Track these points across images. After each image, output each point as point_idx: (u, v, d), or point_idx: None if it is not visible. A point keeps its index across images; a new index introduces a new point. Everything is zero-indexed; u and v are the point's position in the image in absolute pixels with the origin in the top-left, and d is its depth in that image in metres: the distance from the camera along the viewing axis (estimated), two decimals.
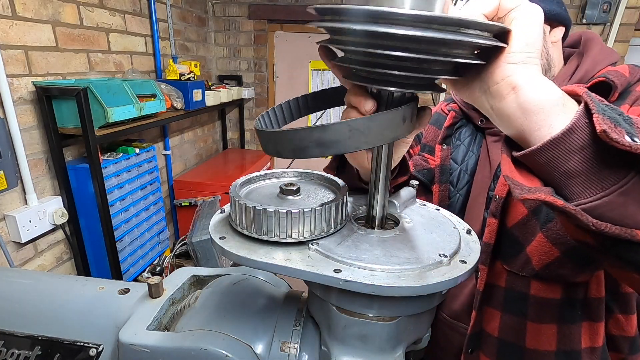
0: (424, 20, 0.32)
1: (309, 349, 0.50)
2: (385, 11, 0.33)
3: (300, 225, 0.45)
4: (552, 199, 0.37)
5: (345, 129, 0.38)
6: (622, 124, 0.35)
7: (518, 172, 0.41)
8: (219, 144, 3.47)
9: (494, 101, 0.41)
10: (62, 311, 0.58)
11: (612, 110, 0.37)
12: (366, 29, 0.34)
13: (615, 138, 0.34)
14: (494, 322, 0.76)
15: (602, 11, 2.52)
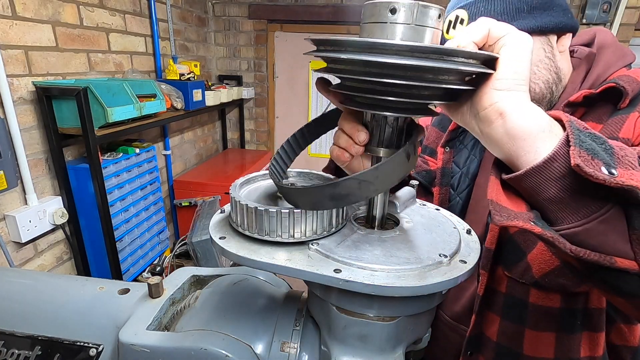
0: (409, 49, 0.36)
1: (309, 349, 0.50)
2: (375, 42, 0.36)
3: (300, 225, 0.45)
4: (529, 226, 0.39)
5: (355, 183, 0.41)
6: (600, 155, 0.36)
7: (505, 195, 0.42)
8: (219, 144, 3.47)
9: (483, 126, 0.43)
10: (62, 311, 0.58)
11: (593, 140, 0.38)
12: (357, 58, 0.37)
13: (589, 172, 0.35)
14: (493, 326, 0.76)
15: (602, 11, 2.52)
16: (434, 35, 0.40)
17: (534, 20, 0.68)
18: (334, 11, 2.97)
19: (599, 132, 0.61)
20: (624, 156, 0.38)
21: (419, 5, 0.38)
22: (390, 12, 0.39)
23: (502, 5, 0.68)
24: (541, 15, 0.68)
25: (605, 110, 0.66)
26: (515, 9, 0.68)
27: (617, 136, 0.61)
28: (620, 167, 0.36)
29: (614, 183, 0.35)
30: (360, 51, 0.37)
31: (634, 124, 0.61)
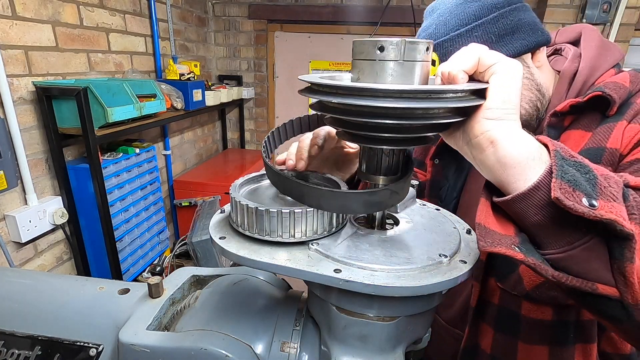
0: (398, 93, 0.37)
1: (309, 349, 0.50)
2: (364, 87, 0.37)
3: (301, 225, 0.45)
4: (511, 252, 0.40)
5: (388, 193, 0.45)
6: (581, 186, 0.37)
7: (495, 217, 0.43)
8: (219, 144, 3.47)
9: (475, 152, 0.44)
10: (62, 311, 0.58)
11: (577, 169, 0.39)
12: (347, 102, 0.38)
13: (568, 205, 0.36)
14: (487, 338, 0.76)
15: (602, 11, 2.52)
16: (423, 68, 0.42)
17: (504, 49, 0.68)
18: (334, 11, 2.97)
19: (589, 141, 0.61)
20: (607, 187, 0.39)
21: (406, 42, 0.39)
22: (378, 49, 0.40)
23: (468, 42, 0.67)
24: (511, 41, 0.68)
25: (594, 118, 0.65)
26: (482, 42, 0.67)
27: (604, 146, 0.61)
28: (602, 199, 0.37)
29: (593, 216, 0.36)
30: (350, 95, 0.38)
31: (622, 133, 0.60)
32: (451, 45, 0.69)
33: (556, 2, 2.59)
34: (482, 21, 0.68)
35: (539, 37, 0.70)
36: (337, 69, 3.19)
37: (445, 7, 0.72)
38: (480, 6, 0.68)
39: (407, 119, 0.39)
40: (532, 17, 0.71)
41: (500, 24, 0.68)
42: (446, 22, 0.70)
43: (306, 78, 0.44)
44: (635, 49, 2.77)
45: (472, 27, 0.68)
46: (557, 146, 0.41)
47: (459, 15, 0.69)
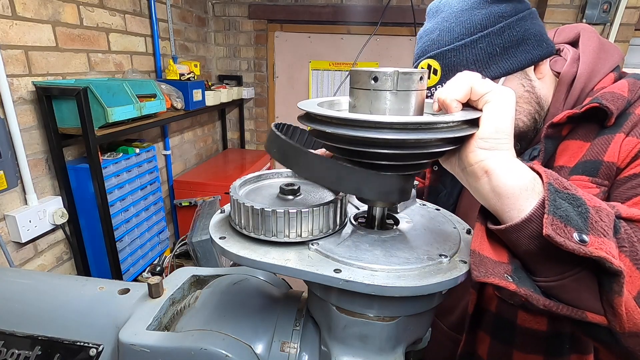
0: (388, 125, 0.38)
1: (309, 349, 0.50)
2: (355, 119, 0.38)
3: (300, 225, 0.45)
4: (504, 283, 0.41)
5: (413, 180, 0.48)
6: (573, 221, 0.39)
7: (489, 243, 0.45)
8: (219, 144, 3.47)
9: (470, 180, 0.45)
10: (62, 311, 0.58)
11: (570, 202, 0.40)
12: (339, 133, 0.39)
13: (559, 241, 0.37)
14: (483, 345, 0.75)
15: (602, 11, 2.52)
16: (417, 97, 0.42)
17: (508, 62, 0.66)
18: (334, 11, 2.97)
19: (586, 152, 0.61)
20: (598, 221, 0.40)
21: (399, 72, 0.40)
22: (372, 80, 0.41)
23: (473, 53, 0.66)
24: (515, 54, 0.66)
25: (591, 127, 0.64)
26: (487, 54, 0.66)
27: (602, 159, 0.60)
28: (592, 234, 0.38)
29: (583, 253, 0.37)
30: (343, 125, 0.39)
31: (619, 146, 0.59)
32: (454, 56, 0.67)
33: (556, 2, 2.59)
34: (488, 32, 0.65)
35: (544, 49, 0.68)
36: (337, 69, 3.19)
37: (451, 11, 0.69)
38: (486, 15, 0.66)
39: (399, 148, 0.40)
40: (538, 26, 0.69)
41: (506, 35, 0.65)
42: (451, 30, 0.68)
43: (304, 105, 0.45)
44: (635, 49, 2.78)
45: (477, 37, 0.66)
46: (550, 178, 0.42)
47: (465, 23, 0.66)
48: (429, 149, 0.40)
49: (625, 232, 0.42)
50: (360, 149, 0.40)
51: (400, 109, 0.42)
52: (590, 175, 0.61)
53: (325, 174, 0.43)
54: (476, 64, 0.66)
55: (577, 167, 0.62)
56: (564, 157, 0.65)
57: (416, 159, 0.43)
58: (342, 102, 0.53)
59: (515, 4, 0.67)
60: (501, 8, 0.66)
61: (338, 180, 0.43)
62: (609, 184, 0.60)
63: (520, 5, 0.67)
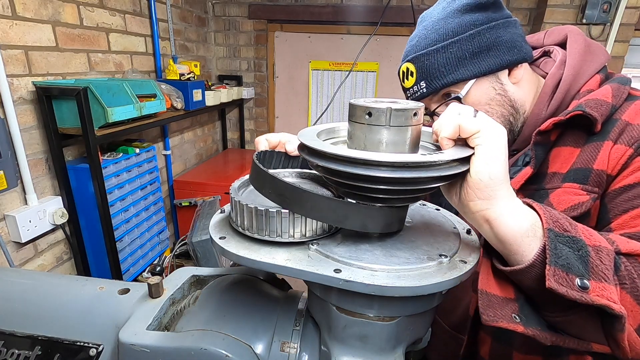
0: (374, 162, 0.39)
1: (309, 349, 0.50)
2: (347, 156, 0.40)
3: (300, 225, 0.45)
4: (512, 326, 0.45)
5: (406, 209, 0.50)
6: (574, 268, 0.41)
7: (495, 280, 0.48)
8: (219, 144, 3.47)
9: (473, 223, 0.47)
10: (62, 311, 0.58)
11: (570, 246, 0.42)
12: (331, 167, 0.41)
13: (562, 292, 0.40)
14: (485, 346, 0.77)
15: (602, 11, 2.52)
16: (412, 132, 0.44)
17: (477, 66, 0.70)
18: (334, 11, 2.97)
19: (576, 160, 0.63)
20: (599, 265, 0.42)
21: (392, 109, 0.42)
22: (367, 115, 0.43)
23: (444, 57, 0.71)
24: (485, 58, 0.70)
25: (580, 133, 0.65)
26: (457, 58, 0.70)
27: (591, 167, 0.61)
28: (594, 279, 0.41)
29: (585, 301, 0.40)
30: (337, 161, 0.41)
31: (608, 154, 0.61)
32: (427, 59, 0.72)
33: (556, 2, 2.59)
34: (459, 38, 0.70)
35: (516, 55, 0.71)
36: (337, 69, 3.19)
37: (430, 20, 0.74)
38: (459, 23, 0.70)
39: (389, 185, 0.41)
40: (512, 34, 0.71)
41: (475, 42, 0.69)
42: (427, 36, 0.73)
43: (302, 137, 0.46)
44: (635, 49, 2.77)
45: (448, 43, 0.70)
46: (550, 221, 0.43)
47: (439, 30, 0.71)
48: (421, 185, 0.41)
49: (626, 269, 0.44)
50: (351, 183, 0.42)
51: (395, 143, 0.44)
52: (580, 182, 0.62)
53: (331, 213, 0.44)
54: (446, 67, 0.71)
55: (569, 174, 0.64)
56: (556, 164, 0.66)
57: (407, 193, 0.44)
58: (341, 129, 0.54)
59: (489, 13, 0.70)
60: (474, 17, 0.70)
61: (344, 219, 0.44)
62: (599, 191, 0.61)
63: (495, 14, 0.71)
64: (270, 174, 0.45)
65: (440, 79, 0.72)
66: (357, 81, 3.22)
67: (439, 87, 0.73)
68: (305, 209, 0.43)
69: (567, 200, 0.62)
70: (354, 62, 2.89)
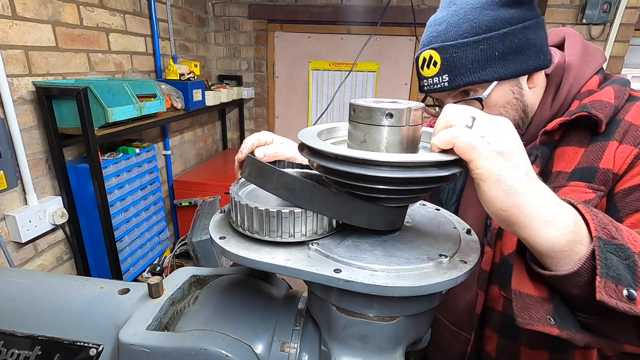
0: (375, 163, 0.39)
1: (309, 349, 0.50)
2: (347, 155, 0.40)
3: (300, 225, 0.45)
4: (548, 329, 0.44)
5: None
6: (623, 278, 0.39)
7: (530, 280, 0.47)
8: (219, 144, 3.47)
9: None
10: (62, 311, 0.58)
11: (618, 254, 0.40)
12: (331, 167, 0.41)
13: (612, 304, 0.38)
14: (491, 343, 0.77)
15: (602, 11, 2.52)
16: (411, 132, 0.44)
17: (504, 68, 0.67)
18: (334, 11, 2.97)
19: (581, 159, 0.64)
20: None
21: (392, 110, 0.42)
22: (368, 115, 0.43)
23: (473, 53, 0.67)
24: (513, 61, 0.67)
25: (584, 133, 0.66)
26: (486, 56, 0.67)
27: (597, 166, 0.62)
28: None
29: (634, 313, 0.38)
30: (337, 161, 0.41)
31: (614, 154, 0.62)
32: (455, 52, 0.68)
33: (556, 2, 2.59)
34: (492, 35, 0.66)
35: (541, 61, 0.69)
36: (337, 69, 3.19)
37: (463, 5, 0.69)
38: (494, 17, 0.66)
39: (388, 184, 0.40)
40: (541, 38, 0.69)
41: (507, 42, 0.66)
42: (458, 25, 0.68)
43: (303, 136, 0.46)
44: (635, 49, 2.77)
45: (480, 38, 0.66)
46: (599, 227, 0.41)
47: (472, 21, 0.67)
48: (421, 185, 0.41)
49: None
50: (358, 183, 0.41)
51: (395, 141, 0.44)
52: (587, 181, 0.63)
53: (339, 209, 0.44)
54: (474, 64, 0.67)
55: (574, 173, 0.65)
56: (561, 163, 0.67)
57: (408, 194, 0.44)
58: (341, 129, 0.55)
59: (523, 10, 0.66)
60: (509, 13, 0.66)
61: (351, 215, 0.44)
62: (605, 189, 0.62)
63: (529, 13, 0.67)
64: (279, 169, 0.45)
65: (465, 76, 0.68)
66: (357, 81, 3.22)
67: (462, 84, 0.69)
68: (314, 203, 0.44)
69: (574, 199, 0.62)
70: (354, 62, 2.89)
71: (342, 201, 0.44)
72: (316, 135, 0.48)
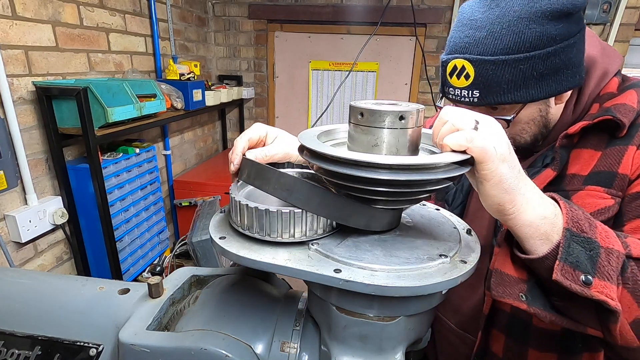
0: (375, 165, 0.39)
1: (309, 349, 0.50)
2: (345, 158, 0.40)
3: (301, 225, 0.45)
4: (517, 303, 0.51)
5: None
6: (582, 266, 0.46)
7: (511, 263, 0.53)
8: (219, 144, 3.47)
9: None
10: (62, 311, 0.58)
11: (583, 247, 0.47)
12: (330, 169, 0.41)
13: (566, 284, 0.45)
14: (498, 344, 0.77)
15: (602, 11, 2.52)
16: (412, 134, 0.44)
17: (539, 90, 0.63)
18: (334, 11, 2.97)
19: (599, 162, 0.64)
20: (606, 265, 0.46)
21: (392, 112, 0.43)
22: (368, 117, 0.44)
23: (511, 73, 0.62)
24: (549, 82, 0.63)
25: (602, 136, 0.65)
26: (524, 77, 0.62)
27: (616, 171, 0.61)
28: (598, 277, 0.46)
29: (585, 295, 0.45)
30: (337, 163, 0.41)
31: (632, 159, 0.61)
32: (492, 70, 0.62)
33: None
34: (534, 54, 0.60)
35: (576, 81, 0.65)
36: (337, 69, 3.19)
37: (509, 10, 0.61)
38: (540, 34, 0.59)
39: (388, 186, 0.41)
40: (581, 53, 0.65)
41: (548, 62, 0.61)
42: (500, 37, 0.61)
43: (303, 138, 0.46)
44: (635, 49, 2.77)
45: (522, 57, 0.61)
46: (571, 221, 0.47)
47: (517, 35, 0.60)
48: (420, 187, 0.42)
49: (632, 272, 0.47)
50: (358, 186, 0.42)
51: (395, 144, 0.44)
52: (605, 186, 0.62)
53: (337, 211, 0.45)
54: (509, 85, 0.62)
55: (590, 177, 0.64)
56: (576, 166, 0.66)
57: (408, 196, 0.44)
58: (341, 131, 0.55)
59: (571, 24, 0.61)
60: (556, 29, 0.60)
61: (349, 217, 0.45)
62: (622, 195, 0.61)
63: (575, 26, 0.62)
64: (278, 170, 0.45)
65: (498, 96, 0.63)
66: (357, 81, 3.22)
67: (493, 103, 0.64)
68: (312, 204, 0.44)
69: (593, 204, 0.62)
70: (354, 62, 2.89)
71: (341, 203, 0.44)
72: (316, 138, 0.48)
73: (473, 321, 0.81)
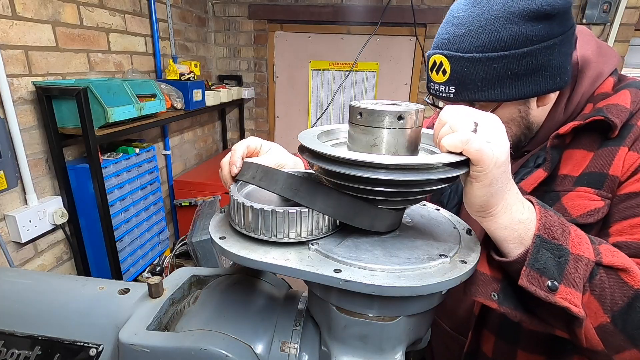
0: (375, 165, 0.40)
1: (309, 349, 0.50)
2: (344, 157, 0.40)
3: (301, 225, 0.45)
4: (488, 302, 0.52)
5: None
6: (548, 272, 0.47)
7: (487, 263, 0.54)
8: (219, 144, 3.47)
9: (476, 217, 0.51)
10: (62, 311, 0.58)
11: (552, 254, 0.47)
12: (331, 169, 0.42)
13: (531, 290, 0.47)
14: (488, 344, 0.77)
15: (602, 11, 2.52)
16: (411, 134, 0.45)
17: (514, 90, 0.63)
18: (334, 11, 2.97)
19: (590, 163, 0.63)
20: (573, 273, 0.47)
21: (392, 112, 0.43)
22: (367, 117, 0.44)
23: (484, 71, 0.62)
24: (525, 83, 0.62)
25: (594, 137, 0.64)
26: (498, 76, 0.62)
27: (607, 173, 0.61)
28: (564, 284, 0.46)
29: (549, 301, 0.46)
30: (337, 163, 0.42)
31: (623, 160, 0.60)
32: (466, 66, 0.63)
33: None
34: (508, 54, 0.60)
35: (557, 83, 0.64)
36: (337, 69, 3.19)
37: (488, 9, 0.62)
38: (515, 34, 0.60)
39: (387, 186, 0.41)
40: (564, 55, 0.63)
41: (524, 63, 0.61)
42: (476, 35, 0.62)
43: (303, 136, 0.47)
44: (635, 49, 2.77)
45: (496, 56, 0.61)
46: (543, 228, 0.48)
47: (492, 34, 0.61)
48: (420, 187, 0.42)
49: (600, 279, 0.48)
50: (358, 186, 0.42)
51: (395, 144, 0.45)
52: (595, 187, 0.62)
53: (342, 210, 0.45)
54: (483, 83, 0.63)
55: (581, 178, 0.63)
56: (568, 166, 0.65)
57: (407, 196, 0.44)
58: (341, 131, 0.55)
59: (552, 26, 0.60)
60: (534, 30, 0.59)
61: (353, 217, 0.45)
62: (612, 197, 0.61)
63: (558, 28, 0.61)
64: (285, 172, 0.46)
65: (472, 92, 0.65)
66: (357, 81, 3.22)
67: (467, 100, 0.66)
68: (317, 203, 0.44)
69: (583, 206, 0.61)
70: (354, 62, 2.89)
71: (346, 202, 0.45)
72: (316, 138, 0.48)
73: (467, 324, 0.81)
